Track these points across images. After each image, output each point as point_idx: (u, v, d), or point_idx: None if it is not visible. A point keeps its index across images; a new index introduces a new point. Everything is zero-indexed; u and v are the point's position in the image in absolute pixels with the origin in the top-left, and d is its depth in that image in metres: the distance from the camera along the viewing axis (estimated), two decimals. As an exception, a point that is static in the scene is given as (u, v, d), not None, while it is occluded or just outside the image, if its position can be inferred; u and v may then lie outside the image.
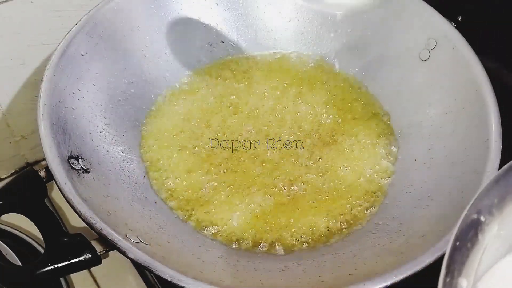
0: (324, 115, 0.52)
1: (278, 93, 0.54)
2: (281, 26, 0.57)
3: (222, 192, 0.46)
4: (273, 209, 0.45)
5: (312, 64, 0.57)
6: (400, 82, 0.52)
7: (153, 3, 0.52)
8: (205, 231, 0.44)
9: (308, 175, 0.47)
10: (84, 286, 0.47)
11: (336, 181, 0.47)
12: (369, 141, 0.50)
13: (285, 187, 0.46)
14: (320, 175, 0.47)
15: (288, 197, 0.46)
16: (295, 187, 0.47)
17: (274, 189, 0.46)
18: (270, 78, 0.56)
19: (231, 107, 0.53)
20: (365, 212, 0.45)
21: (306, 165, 0.48)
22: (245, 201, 0.45)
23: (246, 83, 0.55)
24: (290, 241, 0.43)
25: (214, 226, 0.44)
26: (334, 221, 0.44)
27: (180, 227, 0.43)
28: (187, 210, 0.45)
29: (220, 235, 0.43)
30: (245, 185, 0.46)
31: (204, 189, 0.46)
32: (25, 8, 0.46)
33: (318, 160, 0.49)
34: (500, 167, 0.39)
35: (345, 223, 0.44)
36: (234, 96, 0.54)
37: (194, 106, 0.53)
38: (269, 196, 0.46)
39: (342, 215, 0.45)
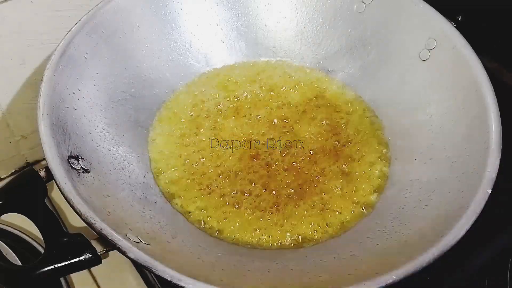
0: (322, 119, 0.52)
1: (277, 96, 0.54)
2: (281, 26, 0.57)
3: (222, 192, 0.46)
4: (273, 209, 0.45)
5: (313, 65, 0.57)
6: (400, 82, 0.52)
7: (153, 3, 0.52)
8: (205, 231, 0.44)
9: (307, 174, 0.47)
10: (84, 286, 0.48)
11: (336, 182, 0.47)
12: (367, 147, 0.50)
13: (285, 187, 0.46)
14: (320, 175, 0.47)
15: (289, 196, 0.46)
16: (295, 186, 0.47)
17: (274, 189, 0.46)
18: (270, 79, 0.56)
19: (232, 108, 0.53)
20: (365, 211, 0.45)
21: (306, 165, 0.48)
22: (245, 201, 0.45)
23: (246, 84, 0.55)
24: (290, 241, 0.43)
25: (214, 226, 0.44)
26: (334, 221, 0.44)
27: (180, 227, 0.43)
28: (188, 210, 0.45)
29: (221, 235, 0.43)
30: (246, 185, 0.46)
31: (204, 189, 0.46)
32: (25, 8, 0.46)
33: (318, 161, 0.49)
34: (500, 167, 0.39)
35: (345, 223, 0.44)
36: (234, 97, 0.54)
37: (194, 107, 0.53)
38: (270, 196, 0.46)
39: (342, 215, 0.45)
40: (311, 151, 0.49)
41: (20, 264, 0.44)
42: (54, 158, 0.37)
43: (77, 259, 0.35)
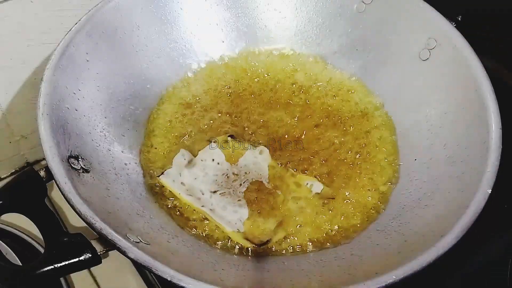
0: (323, 120, 0.52)
1: (278, 96, 0.55)
2: (281, 26, 0.57)
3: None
4: (273, 209, 0.45)
5: (312, 65, 0.57)
6: (400, 81, 0.52)
7: (153, 3, 0.52)
8: (205, 230, 0.44)
9: (305, 174, 0.47)
10: (84, 286, 0.48)
11: (336, 183, 0.47)
12: (368, 147, 0.50)
13: (281, 187, 0.47)
14: (320, 176, 0.47)
15: (290, 200, 0.46)
16: (295, 187, 0.47)
17: (275, 189, 0.46)
18: (270, 81, 0.56)
19: (231, 108, 0.53)
20: (365, 211, 0.45)
21: (306, 167, 0.48)
22: (245, 201, 0.45)
23: (246, 84, 0.55)
24: (290, 241, 0.43)
25: (214, 226, 0.44)
26: (334, 221, 0.45)
27: (180, 227, 0.43)
28: (188, 210, 0.45)
29: (220, 235, 0.43)
30: (245, 186, 0.46)
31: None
32: (25, 8, 0.46)
33: (319, 163, 0.49)
34: (500, 167, 0.39)
35: (345, 224, 0.44)
36: (234, 97, 0.54)
37: (195, 106, 0.53)
38: (270, 197, 0.46)
39: (342, 215, 0.45)
40: (312, 154, 0.49)
41: (20, 264, 0.44)
42: (54, 158, 0.37)
43: (77, 259, 0.35)
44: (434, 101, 0.48)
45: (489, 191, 0.38)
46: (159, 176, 0.46)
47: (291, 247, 0.43)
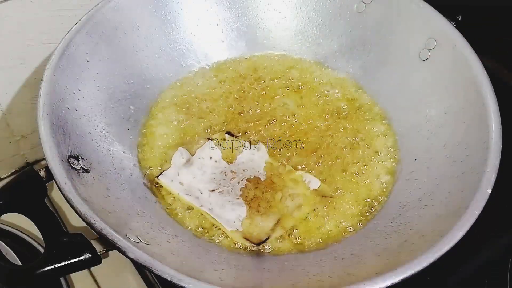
0: (323, 118, 0.52)
1: (278, 95, 0.54)
2: (281, 26, 0.57)
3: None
4: (271, 207, 0.45)
5: (312, 65, 0.57)
6: (400, 81, 0.52)
7: (153, 3, 0.52)
8: (204, 231, 0.44)
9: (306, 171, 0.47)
10: (84, 286, 0.48)
11: (336, 183, 0.47)
12: (369, 144, 0.50)
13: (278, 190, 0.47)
14: (320, 177, 0.47)
15: (288, 197, 0.46)
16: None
17: (272, 186, 0.46)
18: (270, 80, 0.56)
19: (231, 108, 0.53)
20: (365, 212, 0.45)
21: (306, 167, 0.48)
22: (244, 201, 0.45)
23: (246, 84, 0.55)
24: (290, 242, 0.43)
25: (213, 226, 0.44)
26: (334, 222, 0.44)
27: (180, 227, 0.43)
28: (187, 210, 0.45)
29: (220, 235, 0.43)
30: (242, 186, 0.47)
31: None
32: (25, 8, 0.46)
33: (319, 163, 0.48)
34: (500, 167, 0.39)
35: (345, 223, 0.44)
36: (234, 97, 0.54)
37: (194, 107, 0.53)
38: (267, 194, 0.46)
39: (342, 216, 0.45)
40: (312, 155, 0.49)
41: (20, 264, 0.44)
42: (54, 158, 0.37)
43: (77, 259, 0.35)
44: (434, 101, 0.48)
45: (489, 191, 0.38)
46: (157, 176, 0.46)
47: (289, 245, 0.43)
